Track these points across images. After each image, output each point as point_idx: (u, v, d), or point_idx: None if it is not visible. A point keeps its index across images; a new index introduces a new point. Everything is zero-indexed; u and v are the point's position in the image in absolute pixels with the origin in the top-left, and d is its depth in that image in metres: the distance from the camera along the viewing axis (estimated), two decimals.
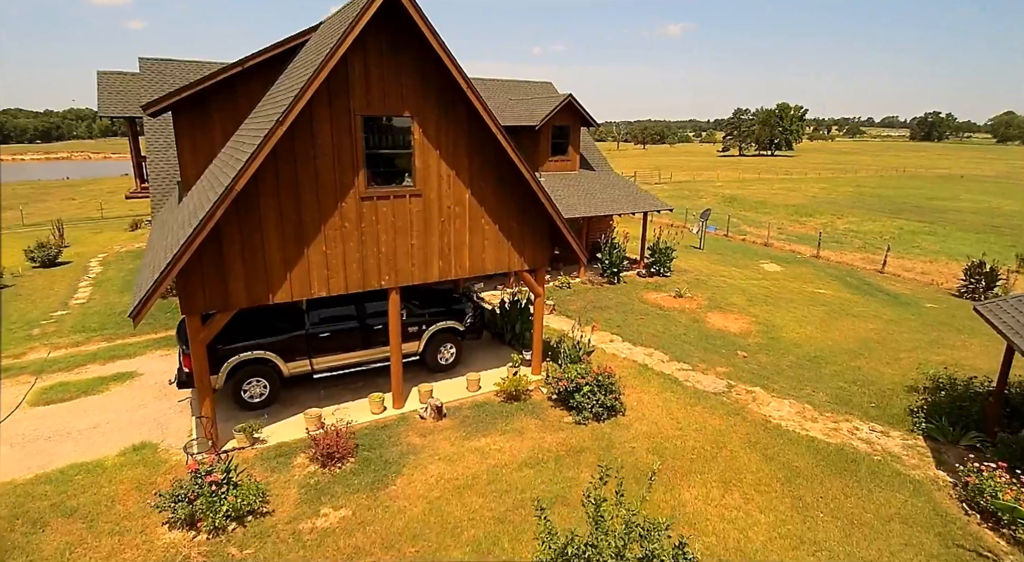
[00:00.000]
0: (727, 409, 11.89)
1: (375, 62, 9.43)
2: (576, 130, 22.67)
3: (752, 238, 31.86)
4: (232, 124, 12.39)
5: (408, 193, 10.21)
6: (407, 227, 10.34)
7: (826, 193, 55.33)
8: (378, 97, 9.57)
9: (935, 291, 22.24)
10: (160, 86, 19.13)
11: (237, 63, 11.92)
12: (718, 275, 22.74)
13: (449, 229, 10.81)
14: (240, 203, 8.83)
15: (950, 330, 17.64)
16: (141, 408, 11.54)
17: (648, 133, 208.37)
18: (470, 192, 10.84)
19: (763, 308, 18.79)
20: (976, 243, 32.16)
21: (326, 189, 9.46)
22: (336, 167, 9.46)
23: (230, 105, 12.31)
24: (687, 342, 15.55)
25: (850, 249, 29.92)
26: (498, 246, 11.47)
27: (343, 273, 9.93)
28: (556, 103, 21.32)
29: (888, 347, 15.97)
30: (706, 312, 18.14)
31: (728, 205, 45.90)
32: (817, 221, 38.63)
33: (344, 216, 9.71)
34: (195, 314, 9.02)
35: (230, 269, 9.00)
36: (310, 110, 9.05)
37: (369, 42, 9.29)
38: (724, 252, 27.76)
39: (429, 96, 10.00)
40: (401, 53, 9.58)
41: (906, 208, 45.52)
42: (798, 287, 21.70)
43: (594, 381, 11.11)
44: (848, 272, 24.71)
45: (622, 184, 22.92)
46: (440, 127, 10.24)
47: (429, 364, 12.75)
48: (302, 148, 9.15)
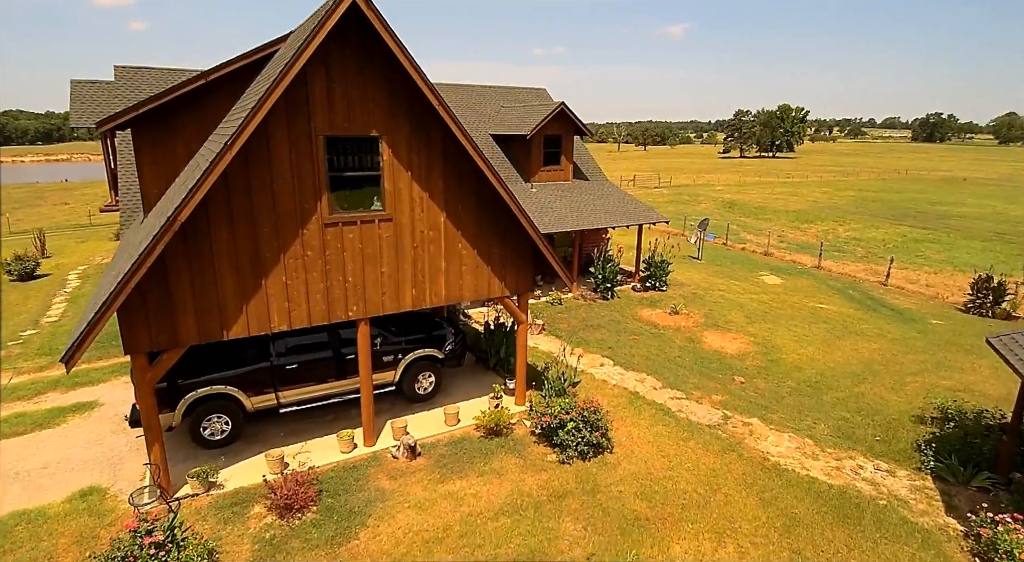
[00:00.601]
0: (722, 444, 11.14)
1: (338, 78, 8.70)
2: (569, 139, 21.95)
3: (752, 247, 31.09)
4: (197, 141, 11.66)
5: (377, 218, 9.48)
6: (376, 254, 9.61)
7: (827, 197, 54.54)
8: (342, 116, 8.85)
9: (941, 305, 21.47)
10: (135, 95, 18.43)
11: (200, 75, 11.19)
12: (716, 289, 21.98)
13: (423, 255, 10.08)
14: (188, 234, 8.11)
15: (958, 350, 16.87)
16: (96, 444, 10.82)
17: (649, 135, 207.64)
18: (445, 215, 10.12)
19: (762, 326, 18.03)
20: (982, 251, 31.40)
21: (285, 216, 8.73)
22: (296, 192, 8.74)
23: (195, 120, 11.57)
24: (682, 366, 14.81)
25: (852, 258, 29.15)
26: (477, 272, 10.74)
27: (306, 305, 9.20)
28: (548, 111, 20.61)
29: (893, 370, 15.20)
30: (703, 331, 17.39)
31: (728, 211, 45.14)
32: (818, 228, 37.86)
33: (306, 244, 8.99)
34: (140, 353, 8.30)
35: (178, 304, 8.28)
36: (266, 131, 8.33)
37: (331, 57, 8.57)
38: (723, 263, 27.00)
39: (399, 114, 9.28)
40: (368, 68, 8.86)
41: (909, 214, 44.72)
42: (799, 301, 20.94)
43: (579, 417, 10.38)
44: (850, 284, 23.94)
45: (616, 195, 22.18)
46: (412, 147, 9.52)
47: (406, 394, 12.03)
48: (257, 173, 8.42)
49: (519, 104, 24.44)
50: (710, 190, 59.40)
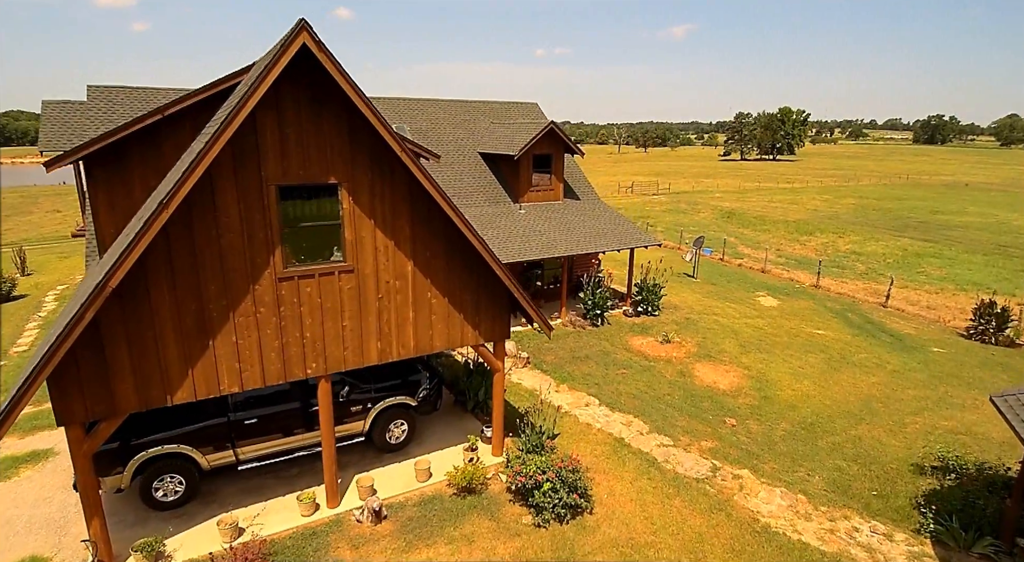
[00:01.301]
0: (710, 502, 10.50)
1: (292, 123, 8.07)
2: (559, 158, 21.32)
3: (749, 263, 30.43)
4: (156, 177, 11.05)
5: (337, 269, 8.85)
6: (337, 308, 8.98)
7: (828, 206, 53.84)
8: (297, 163, 8.21)
9: (942, 330, 20.81)
10: (108, 117, 17.79)
11: (157, 110, 10.59)
12: (710, 313, 21.33)
13: (389, 306, 9.44)
14: (124, 297, 7.48)
15: (959, 384, 16.21)
16: (45, 503, 10.20)
17: (649, 137, 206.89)
18: (413, 263, 9.48)
19: (757, 356, 17.38)
20: (984, 267, 30.73)
21: (234, 272, 8.10)
22: (246, 246, 8.10)
23: (153, 155, 10.97)
24: (671, 405, 14.15)
25: (852, 275, 28.49)
26: (448, 321, 10.11)
27: (259, 365, 8.57)
28: (536, 131, 19.96)
29: (892, 408, 14.55)
30: (695, 363, 16.74)
31: (726, 221, 44.48)
32: (818, 240, 37.19)
33: (258, 300, 8.35)
34: (74, 424, 7.67)
35: (115, 371, 7.65)
36: (211, 183, 7.70)
37: (283, 101, 7.93)
38: (719, 281, 26.34)
39: (360, 159, 8.64)
40: (324, 112, 8.23)
41: (910, 224, 44.01)
42: (795, 327, 20.28)
43: (556, 477, 9.73)
44: (850, 306, 23.28)
45: (608, 215, 21.53)
46: (375, 193, 8.88)
47: (377, 443, 11.39)
48: (202, 228, 7.79)
49: (509, 121, 23.81)
50: (709, 197, 58.71)
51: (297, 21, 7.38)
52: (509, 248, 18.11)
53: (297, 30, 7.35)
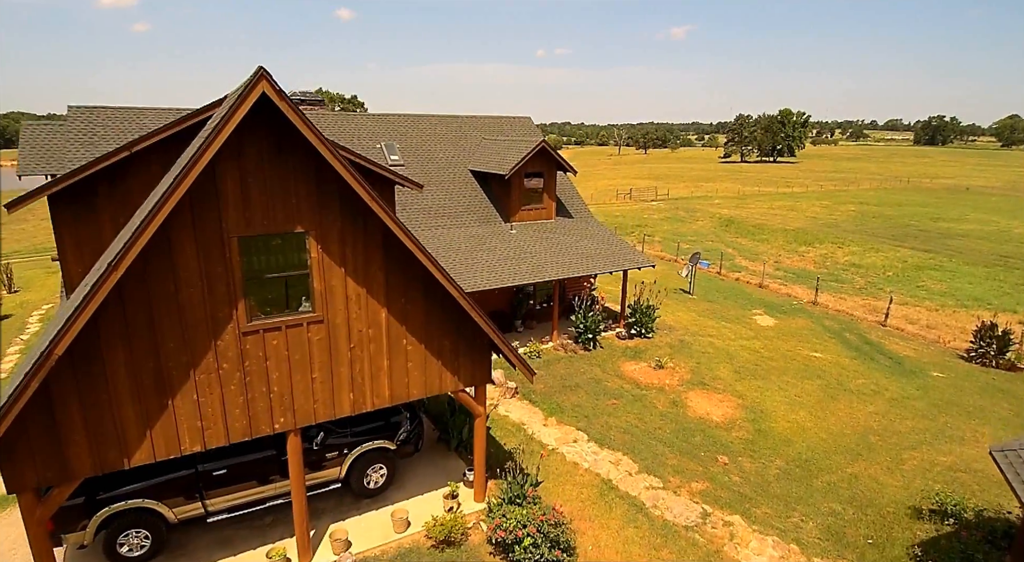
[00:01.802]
0: (698, 554, 10.10)
1: (255, 171, 7.68)
2: (551, 176, 20.94)
3: (746, 277, 30.01)
4: (125, 213, 10.63)
5: (306, 320, 8.46)
6: (306, 360, 8.59)
7: (827, 213, 53.42)
8: (261, 213, 7.82)
9: (942, 352, 20.39)
10: (90, 138, 17.48)
11: (124, 147, 10.19)
12: (705, 334, 20.92)
13: (362, 355, 9.05)
14: (76, 358, 7.09)
15: (959, 413, 15.81)
16: (12, 552, 9.82)
17: (649, 138, 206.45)
18: (388, 311, 9.09)
19: (751, 384, 16.98)
20: (985, 280, 30.31)
21: (194, 328, 7.71)
22: (207, 300, 7.71)
23: (121, 192, 10.54)
24: (662, 440, 13.75)
25: (850, 291, 28.07)
26: (426, 367, 9.72)
27: (222, 422, 8.18)
28: (527, 150, 19.58)
29: (889, 442, 14.14)
30: (688, 391, 16.34)
31: (725, 229, 44.06)
32: (817, 251, 36.77)
33: (221, 356, 7.96)
34: (26, 491, 7.29)
35: (68, 435, 7.26)
36: (167, 237, 7.32)
37: (245, 149, 7.55)
38: (715, 298, 25.93)
39: (330, 206, 8.25)
40: (290, 158, 7.84)
41: (910, 233, 43.59)
42: (792, 349, 19.87)
43: (538, 532, 9.34)
44: (848, 325, 22.86)
45: (601, 235, 21.12)
46: (346, 240, 8.49)
47: (354, 489, 11.00)
48: (159, 283, 7.40)
49: (501, 136, 23.42)
50: (708, 203, 58.29)
51: (256, 69, 7.00)
52: (499, 272, 17.72)
53: (256, 79, 6.96)
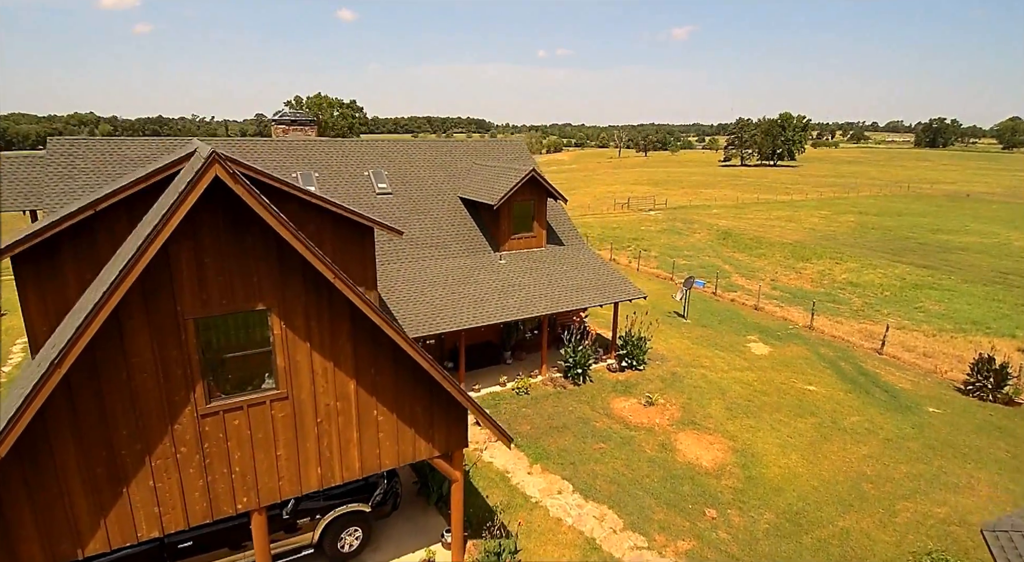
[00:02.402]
0: None
1: (211, 251, 7.36)
2: (541, 203, 20.63)
3: (743, 297, 29.64)
4: (92, 271, 10.34)
5: (269, 398, 8.13)
6: (269, 438, 8.26)
7: (826, 224, 53.06)
8: (219, 292, 7.50)
9: (938, 383, 20.03)
10: (69, 171, 17.19)
11: (89, 206, 9.87)
12: (698, 364, 20.57)
13: (330, 429, 8.72)
14: (23, 453, 6.77)
15: (954, 455, 15.46)
16: None
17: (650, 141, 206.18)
18: (357, 383, 8.76)
19: (743, 423, 16.63)
20: (984, 301, 29.94)
21: (149, 414, 7.39)
22: (162, 385, 7.39)
23: (87, 250, 10.25)
24: (649, 491, 13.41)
25: (847, 313, 27.70)
26: (399, 436, 9.39)
27: (181, 506, 7.86)
28: (517, 179, 19.25)
29: (883, 491, 13.79)
30: (678, 432, 16.00)
31: (722, 243, 43.70)
32: (814, 268, 36.39)
33: (178, 440, 7.64)
34: None
35: (17, 531, 6.93)
36: (117, 325, 6.99)
37: (201, 229, 7.23)
38: (710, 322, 25.58)
39: (293, 281, 7.93)
40: (248, 235, 7.52)
41: (909, 247, 43.23)
42: (786, 382, 19.52)
43: None
44: (843, 353, 22.50)
45: (592, 265, 20.78)
46: (311, 314, 8.17)
47: (328, 553, 10.67)
48: (109, 372, 7.08)
49: (492, 162, 23.09)
50: (706, 213, 57.93)
51: (209, 153, 6.67)
52: (486, 307, 17.39)
53: (208, 163, 6.64)
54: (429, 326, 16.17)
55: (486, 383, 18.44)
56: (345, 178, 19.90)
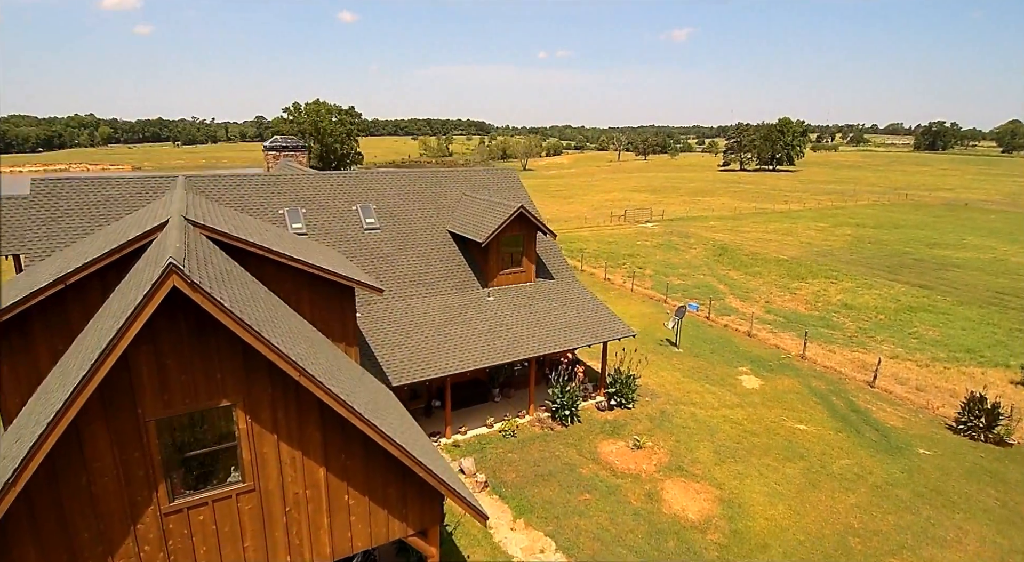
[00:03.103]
0: None
1: (173, 353, 7.24)
2: (530, 239, 20.51)
3: (736, 323, 29.48)
4: (64, 342, 10.23)
5: (235, 492, 8.01)
6: (236, 531, 8.14)
7: (823, 237, 52.92)
8: (181, 392, 7.38)
9: (929, 421, 19.88)
10: (52, 214, 17.08)
11: (59, 280, 9.77)
12: (688, 401, 20.43)
13: (299, 517, 8.59)
14: None
15: (943, 504, 15.32)
16: None
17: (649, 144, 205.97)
18: (327, 470, 8.63)
19: (731, 468, 16.50)
20: (979, 325, 29.79)
21: (111, 516, 7.26)
22: (124, 487, 7.27)
23: (59, 321, 10.18)
24: (633, 548, 13.27)
25: (840, 339, 27.54)
26: (371, 519, 9.25)
27: None
28: (505, 216, 19.12)
29: (870, 546, 13.66)
30: (664, 479, 15.87)
31: (718, 260, 43.55)
32: (809, 288, 36.23)
33: (141, 539, 7.52)
34: None
35: None
36: (76, 433, 6.87)
37: (161, 334, 7.11)
38: (702, 351, 25.44)
39: (258, 376, 7.80)
40: (211, 334, 7.39)
41: (906, 263, 43.07)
42: (776, 421, 19.38)
43: None
44: (835, 385, 22.36)
45: (582, 300, 20.64)
46: (278, 406, 8.04)
47: None
48: (69, 478, 6.95)
49: (482, 193, 22.95)
50: (703, 226, 57.76)
51: (166, 265, 6.54)
52: (472, 349, 17.27)
53: (164, 276, 6.51)
54: (414, 372, 16.04)
55: (473, 424, 18.31)
56: (333, 213, 19.76)
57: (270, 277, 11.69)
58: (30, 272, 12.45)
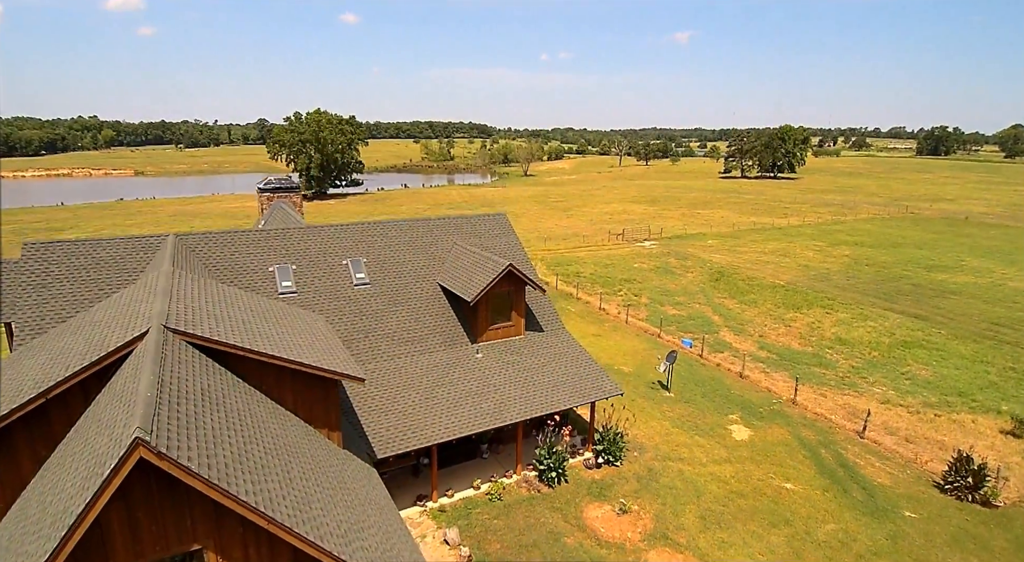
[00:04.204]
0: None
1: (144, 505, 7.36)
2: (519, 292, 20.60)
3: (728, 362, 29.52)
4: (47, 448, 10.39)
5: None
6: None
7: (821, 258, 52.93)
8: (152, 541, 7.50)
9: (917, 478, 19.92)
10: (43, 280, 17.21)
11: (40, 394, 9.95)
12: (676, 456, 20.51)
13: None
14: None
15: None
16: None
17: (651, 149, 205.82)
18: None
19: (716, 537, 16.57)
20: (972, 363, 29.83)
21: None
22: None
23: (42, 430, 10.37)
24: None
25: (832, 380, 27.58)
26: None
27: None
28: (494, 274, 19.20)
29: None
30: (649, 549, 15.95)
31: (714, 287, 43.59)
32: (804, 319, 36.25)
33: None
34: None
35: None
36: None
37: (132, 491, 7.22)
38: (692, 395, 25.50)
39: (229, 519, 7.91)
40: (180, 487, 7.49)
41: (902, 290, 43.05)
42: (764, 478, 19.45)
43: None
44: (825, 435, 22.43)
45: (570, 355, 20.72)
46: (250, 543, 8.15)
47: None
48: None
49: (475, 237, 23.09)
50: (701, 246, 57.77)
51: (132, 439, 6.64)
52: (459, 414, 17.38)
53: (131, 449, 6.62)
54: (400, 442, 16.15)
55: (460, 484, 18.42)
56: (323, 269, 19.89)
57: (252, 371, 11.85)
58: (15, 363, 12.56)
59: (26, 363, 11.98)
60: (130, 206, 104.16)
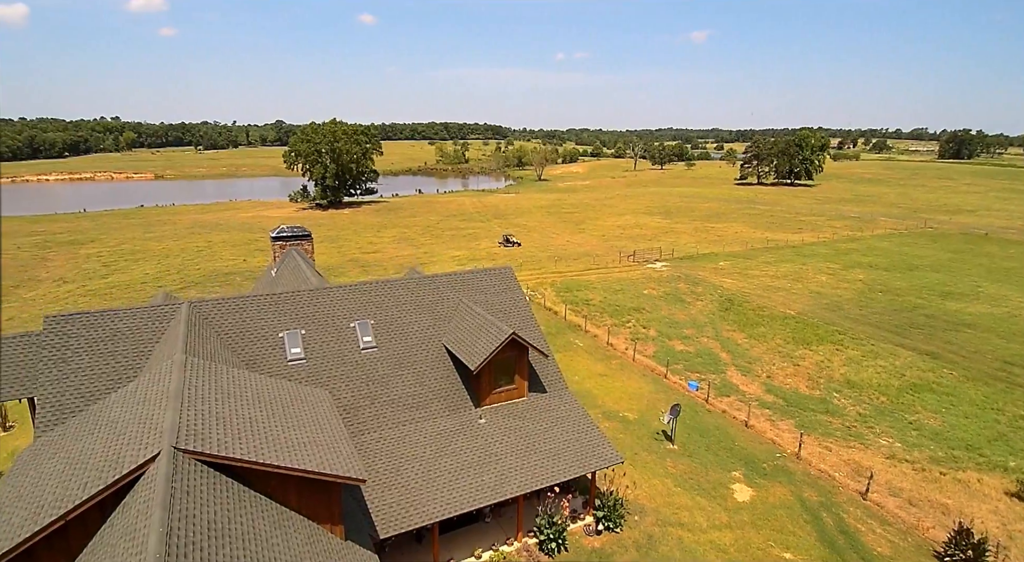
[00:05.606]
0: None
1: None
2: (522, 357, 20.94)
3: (735, 408, 29.60)
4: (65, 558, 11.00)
5: None
6: None
7: (833, 284, 52.62)
8: None
9: (917, 547, 19.96)
10: (62, 354, 17.87)
11: (59, 519, 10.54)
12: (676, 521, 20.74)
13: None
14: None
15: None
16: None
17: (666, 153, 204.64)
18: None
19: None
20: (983, 410, 29.66)
21: None
22: None
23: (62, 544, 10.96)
24: None
25: (839, 431, 27.56)
26: None
27: None
28: (497, 343, 19.55)
29: None
30: None
31: (723, 317, 43.57)
32: (813, 357, 36.15)
33: None
34: None
35: None
36: None
37: None
38: (696, 448, 25.68)
39: None
40: None
41: (916, 322, 42.68)
42: (763, 547, 19.63)
43: None
44: (828, 496, 22.51)
45: (573, 418, 21.03)
46: None
47: None
48: None
49: (480, 293, 23.46)
50: (712, 268, 57.62)
51: None
52: (461, 487, 17.77)
53: None
54: (402, 521, 16.58)
55: (462, 553, 18.84)
56: (331, 333, 20.39)
57: (258, 477, 12.39)
58: (36, 460, 13.17)
59: (46, 468, 12.59)
60: (150, 215, 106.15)
